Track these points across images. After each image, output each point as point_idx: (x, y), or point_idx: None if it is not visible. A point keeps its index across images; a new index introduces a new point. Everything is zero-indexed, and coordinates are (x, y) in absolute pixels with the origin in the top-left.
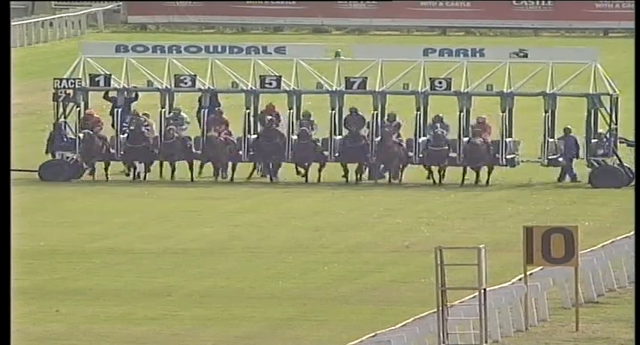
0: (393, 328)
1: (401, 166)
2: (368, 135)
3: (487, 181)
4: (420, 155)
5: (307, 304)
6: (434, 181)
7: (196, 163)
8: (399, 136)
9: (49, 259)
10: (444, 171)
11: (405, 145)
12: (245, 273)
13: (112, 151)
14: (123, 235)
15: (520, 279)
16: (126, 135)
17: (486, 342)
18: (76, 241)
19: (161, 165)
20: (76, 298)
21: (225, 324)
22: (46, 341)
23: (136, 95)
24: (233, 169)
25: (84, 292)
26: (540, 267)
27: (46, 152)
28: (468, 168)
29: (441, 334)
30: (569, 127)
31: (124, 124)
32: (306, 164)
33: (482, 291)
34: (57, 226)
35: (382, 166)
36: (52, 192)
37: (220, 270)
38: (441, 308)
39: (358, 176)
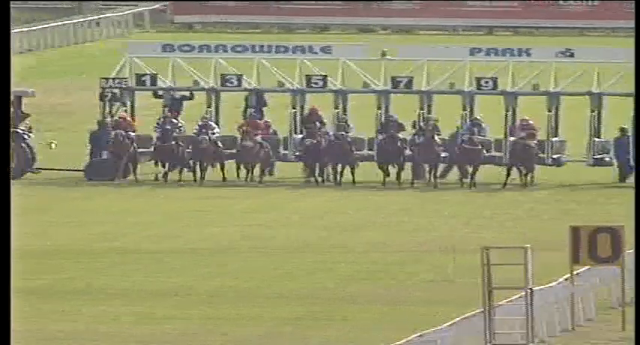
0: (439, 327)
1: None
2: (409, 135)
3: (525, 182)
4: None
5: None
6: (461, 179)
7: (230, 166)
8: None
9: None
10: (477, 171)
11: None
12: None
13: (142, 150)
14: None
15: (566, 279)
16: (156, 134)
17: (533, 342)
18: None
19: (194, 166)
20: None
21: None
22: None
23: (191, 94)
24: (262, 171)
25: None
26: (587, 267)
27: (91, 152)
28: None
29: (488, 334)
30: (625, 126)
31: (157, 124)
32: (341, 166)
33: (529, 290)
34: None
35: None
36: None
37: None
38: (487, 308)
39: (399, 176)
